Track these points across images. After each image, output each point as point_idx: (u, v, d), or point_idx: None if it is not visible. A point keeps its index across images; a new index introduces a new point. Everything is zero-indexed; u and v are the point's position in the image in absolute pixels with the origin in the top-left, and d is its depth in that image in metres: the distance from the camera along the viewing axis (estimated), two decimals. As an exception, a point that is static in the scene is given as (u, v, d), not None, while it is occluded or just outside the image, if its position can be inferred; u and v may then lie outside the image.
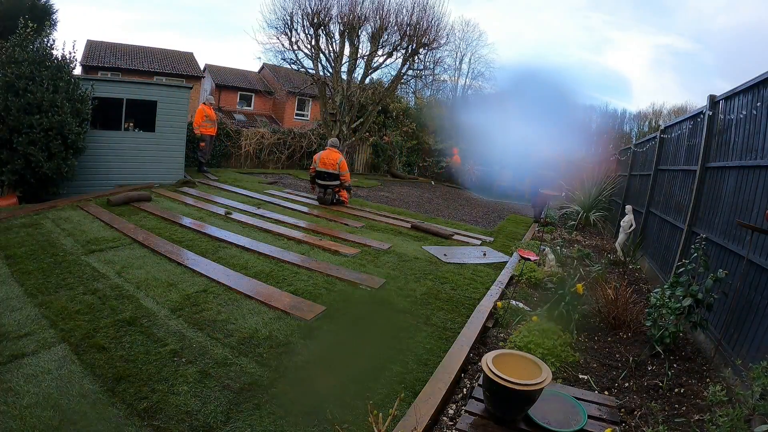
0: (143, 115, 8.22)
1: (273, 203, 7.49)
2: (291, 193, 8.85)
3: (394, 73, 14.18)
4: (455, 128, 18.08)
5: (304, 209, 7.25)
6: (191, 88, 9.49)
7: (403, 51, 13.20)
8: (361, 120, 13.73)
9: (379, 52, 13.23)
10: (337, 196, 7.87)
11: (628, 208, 6.13)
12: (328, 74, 13.30)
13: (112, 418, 1.95)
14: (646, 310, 3.20)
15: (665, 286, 3.16)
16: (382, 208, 8.40)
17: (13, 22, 8.25)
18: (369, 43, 13.30)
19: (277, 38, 12.87)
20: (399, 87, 15.04)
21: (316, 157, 7.88)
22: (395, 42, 13.10)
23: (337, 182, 7.73)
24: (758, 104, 3.02)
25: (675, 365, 2.83)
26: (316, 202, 8.00)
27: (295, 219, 6.34)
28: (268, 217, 6.23)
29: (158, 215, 5.69)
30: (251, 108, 23.94)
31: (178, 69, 21.24)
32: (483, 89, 27.56)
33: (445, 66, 20.53)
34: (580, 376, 2.62)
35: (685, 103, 27.71)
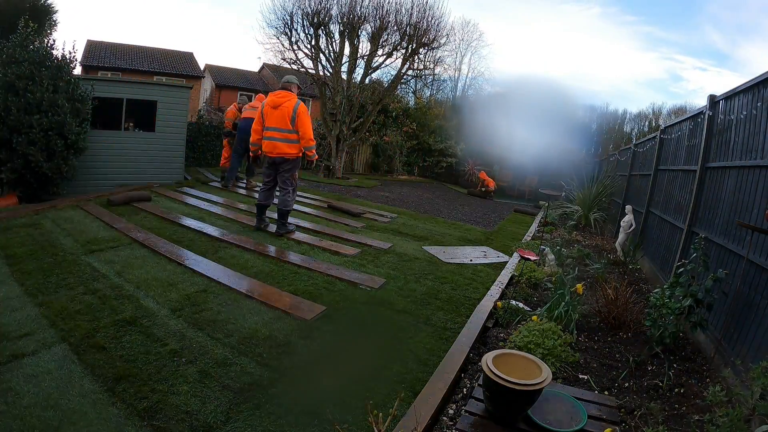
0: (143, 115, 8.22)
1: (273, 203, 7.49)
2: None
3: (394, 73, 14.21)
4: (457, 128, 18.09)
5: (305, 209, 7.25)
6: (191, 88, 9.50)
7: (403, 51, 13.22)
8: (361, 120, 13.73)
9: (379, 52, 13.25)
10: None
11: (628, 208, 6.13)
12: (328, 74, 13.31)
13: (112, 418, 1.95)
14: (646, 310, 3.19)
15: (665, 286, 3.16)
16: (382, 207, 8.40)
17: (12, 22, 8.25)
18: (369, 43, 13.33)
19: (277, 38, 12.90)
20: (399, 87, 15.04)
21: None
22: (395, 42, 13.12)
23: None
24: (758, 104, 3.02)
25: (675, 365, 2.83)
26: (316, 202, 8.00)
27: (295, 219, 6.34)
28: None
29: (158, 215, 5.69)
30: (251, 108, 23.92)
31: (178, 69, 21.26)
32: (483, 89, 27.62)
33: (445, 66, 20.52)
34: (580, 376, 2.62)
35: (685, 104, 27.73)
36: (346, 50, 13.26)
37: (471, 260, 5.12)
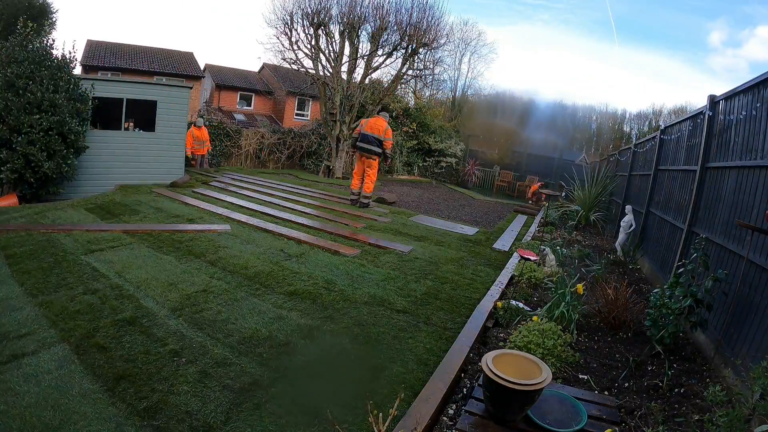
0: (143, 115, 8.23)
1: (273, 203, 7.49)
2: (291, 193, 8.85)
3: (394, 73, 14.20)
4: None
5: (305, 209, 7.25)
6: (191, 88, 9.50)
7: (403, 51, 13.22)
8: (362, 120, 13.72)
9: (379, 52, 13.26)
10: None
11: (628, 208, 6.13)
12: (328, 74, 13.31)
13: (112, 418, 1.95)
14: (646, 310, 3.19)
15: (665, 286, 3.16)
16: (381, 206, 8.40)
17: (11, 23, 8.24)
18: (369, 43, 13.33)
19: (277, 38, 12.92)
20: (399, 87, 15.04)
21: (362, 121, 8.23)
22: (395, 42, 13.13)
23: (379, 150, 7.65)
24: (758, 104, 3.02)
25: (675, 365, 2.83)
26: (316, 202, 8.00)
27: (296, 218, 6.34)
28: (268, 215, 6.23)
29: (158, 215, 5.69)
30: (251, 108, 23.94)
31: (178, 69, 21.23)
32: (483, 89, 27.64)
33: (445, 66, 20.52)
34: (580, 376, 2.62)
35: (685, 103, 27.65)
36: (346, 50, 13.27)
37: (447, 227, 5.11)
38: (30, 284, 3.28)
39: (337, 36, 13.07)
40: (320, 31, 12.76)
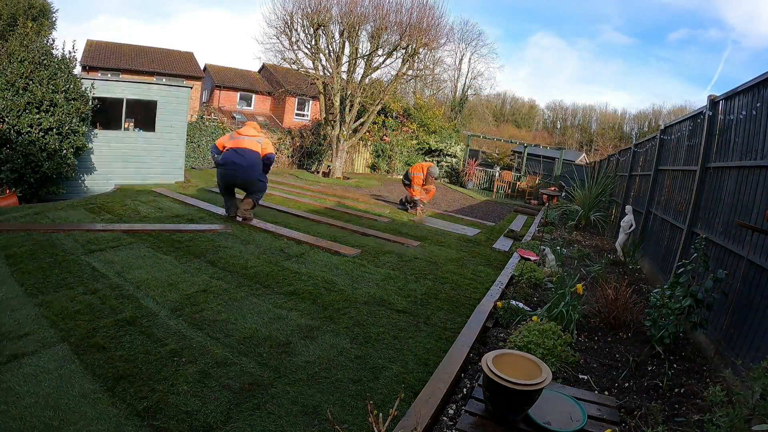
0: (143, 115, 8.24)
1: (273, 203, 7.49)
2: (291, 193, 8.86)
3: (394, 73, 14.19)
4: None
5: (306, 213, 7.25)
6: (191, 88, 9.51)
7: (403, 51, 13.22)
8: (362, 120, 13.74)
9: (379, 52, 13.26)
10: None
11: (628, 208, 6.13)
12: (328, 74, 13.31)
13: (112, 417, 1.95)
14: (646, 311, 3.19)
15: (665, 287, 3.16)
16: (382, 206, 8.40)
17: (12, 22, 8.25)
18: (369, 43, 13.33)
19: (277, 38, 12.91)
20: (399, 87, 15.05)
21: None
22: (395, 42, 13.12)
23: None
24: (758, 104, 3.02)
25: (675, 365, 2.83)
26: (316, 202, 8.01)
27: (296, 219, 6.34)
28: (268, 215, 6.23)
29: (158, 215, 5.69)
30: (251, 108, 23.96)
31: (178, 69, 21.25)
32: (483, 90, 27.69)
33: (445, 66, 20.53)
34: (580, 376, 2.62)
35: (684, 103, 27.68)
36: (346, 50, 13.27)
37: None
38: (30, 284, 3.28)
39: (337, 36, 13.07)
40: (320, 31, 12.76)
